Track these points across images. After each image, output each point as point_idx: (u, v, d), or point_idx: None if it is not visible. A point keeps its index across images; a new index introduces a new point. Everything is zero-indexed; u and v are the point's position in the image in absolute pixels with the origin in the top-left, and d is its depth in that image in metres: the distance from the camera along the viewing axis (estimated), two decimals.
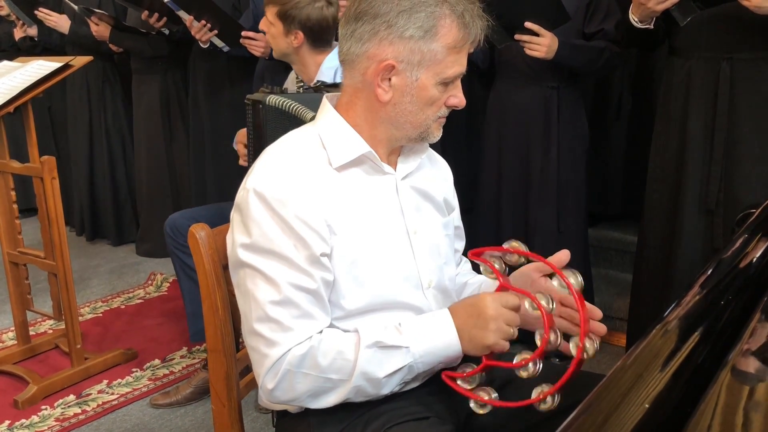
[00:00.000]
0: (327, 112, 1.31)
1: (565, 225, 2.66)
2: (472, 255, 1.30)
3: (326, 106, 1.31)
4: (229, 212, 1.29)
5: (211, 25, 3.05)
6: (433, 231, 1.37)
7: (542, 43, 2.38)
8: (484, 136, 2.81)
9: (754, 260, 1.16)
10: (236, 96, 3.26)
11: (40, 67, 2.63)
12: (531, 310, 1.18)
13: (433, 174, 1.43)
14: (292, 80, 2.47)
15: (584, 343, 1.12)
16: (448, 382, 1.24)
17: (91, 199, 4.37)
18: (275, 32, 2.32)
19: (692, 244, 2.17)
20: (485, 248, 1.28)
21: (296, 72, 2.44)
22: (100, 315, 3.37)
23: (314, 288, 1.19)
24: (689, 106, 2.15)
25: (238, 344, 1.39)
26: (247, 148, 2.15)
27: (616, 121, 3.38)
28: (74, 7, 3.74)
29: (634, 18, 2.11)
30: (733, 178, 2.10)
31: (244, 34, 2.92)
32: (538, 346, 1.16)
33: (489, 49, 2.67)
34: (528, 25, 2.36)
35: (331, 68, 2.32)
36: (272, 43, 2.39)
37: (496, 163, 2.74)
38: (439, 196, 1.41)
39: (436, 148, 1.50)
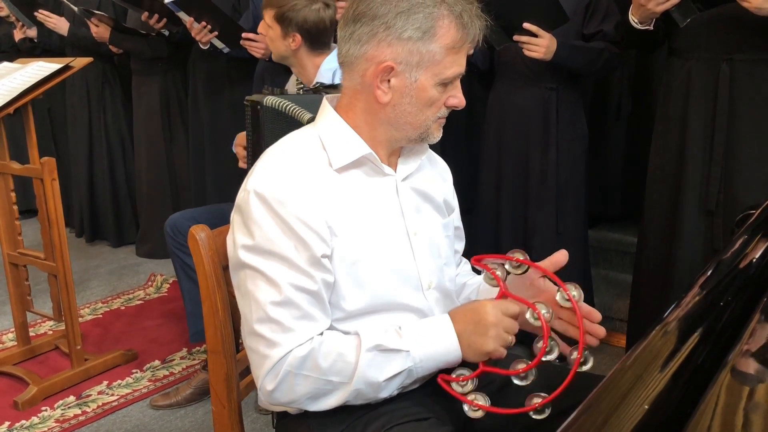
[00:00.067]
0: (327, 113, 1.30)
1: (565, 226, 2.66)
2: (474, 261, 1.31)
3: (326, 108, 1.31)
4: (229, 213, 1.29)
5: (211, 27, 3.05)
6: (433, 232, 1.37)
7: (540, 44, 2.38)
8: (483, 137, 2.81)
9: (753, 261, 1.16)
10: (236, 97, 3.27)
11: (40, 68, 2.63)
12: (532, 320, 1.19)
13: (433, 175, 1.43)
14: (293, 83, 2.48)
15: (582, 356, 1.14)
16: (443, 385, 1.25)
17: (91, 201, 4.37)
18: (273, 35, 2.32)
19: (692, 244, 2.17)
20: (488, 255, 1.29)
21: (295, 74, 2.45)
22: (100, 316, 3.37)
23: (315, 289, 1.19)
24: (689, 107, 2.15)
25: (238, 345, 1.39)
26: (246, 150, 2.15)
27: (616, 122, 3.38)
28: (74, 8, 3.74)
29: (633, 19, 2.11)
30: (733, 179, 2.10)
31: (244, 35, 2.92)
32: (536, 355, 1.16)
33: (488, 50, 2.67)
34: (526, 26, 2.36)
35: (330, 70, 2.32)
36: (271, 46, 2.39)
37: (495, 164, 2.74)
38: (439, 197, 1.41)
39: (435, 149, 1.50)
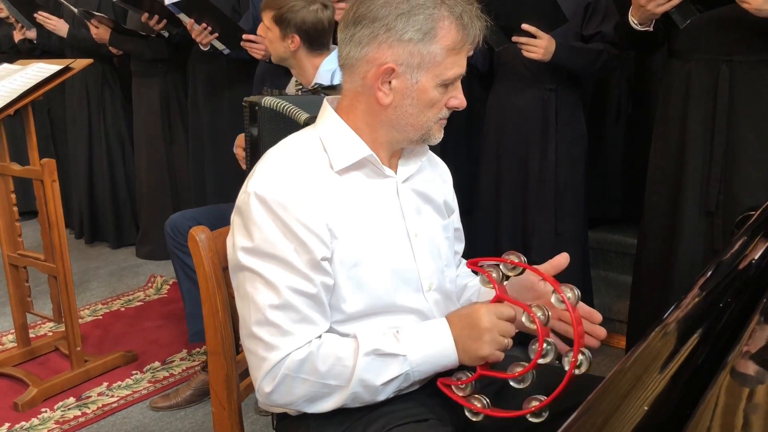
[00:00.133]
0: (328, 115, 1.30)
1: (564, 227, 2.66)
2: (470, 264, 1.30)
3: (327, 110, 1.31)
4: (229, 213, 1.29)
5: (211, 28, 3.06)
6: (434, 233, 1.37)
7: (539, 45, 2.38)
8: (482, 138, 2.81)
9: (753, 262, 1.16)
10: (236, 98, 3.27)
11: (40, 69, 2.63)
12: (527, 323, 1.19)
13: (433, 176, 1.43)
14: (293, 85, 2.48)
15: (577, 359, 1.13)
16: (443, 389, 1.25)
17: (91, 202, 4.37)
18: (272, 37, 2.33)
19: (692, 245, 2.17)
20: (483, 258, 1.28)
21: (295, 75, 2.45)
22: (100, 317, 3.37)
23: (314, 292, 1.19)
24: (689, 108, 2.15)
25: (238, 347, 1.39)
26: (245, 150, 2.15)
27: (616, 124, 3.38)
28: (74, 9, 3.74)
29: (633, 20, 2.11)
30: (733, 180, 2.10)
31: (244, 37, 2.92)
32: (532, 358, 1.16)
33: (488, 52, 2.68)
34: (525, 26, 2.36)
35: (329, 71, 2.33)
36: (270, 48, 2.40)
37: (494, 165, 2.74)
38: (439, 198, 1.41)
39: (436, 150, 1.50)
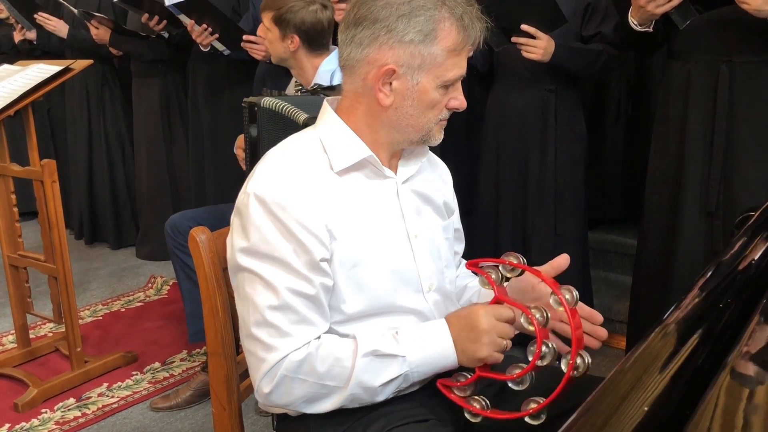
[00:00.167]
0: (328, 116, 1.30)
1: (564, 227, 2.66)
2: (469, 265, 1.30)
3: (327, 111, 1.31)
4: (229, 214, 1.29)
5: (212, 29, 3.06)
6: (434, 234, 1.37)
7: (538, 46, 2.38)
8: (482, 139, 2.81)
9: (753, 262, 1.16)
10: (236, 99, 3.26)
11: (41, 70, 2.63)
12: (526, 325, 1.18)
13: (433, 177, 1.43)
14: (293, 85, 2.48)
15: (575, 361, 1.13)
16: (443, 390, 1.25)
17: (90, 203, 4.36)
18: (272, 37, 2.34)
19: (692, 245, 2.17)
20: (482, 259, 1.28)
21: (294, 76, 2.46)
22: (100, 318, 3.37)
23: (313, 294, 1.19)
24: (688, 108, 2.15)
25: (238, 347, 1.39)
26: (244, 151, 2.15)
27: (615, 124, 3.38)
28: (74, 10, 3.74)
29: (633, 21, 2.11)
30: (733, 181, 2.10)
31: (245, 38, 2.92)
32: (530, 360, 1.16)
33: (488, 52, 2.68)
34: (524, 27, 2.36)
35: (328, 71, 2.33)
36: (270, 49, 2.40)
37: (494, 166, 2.74)
38: (439, 199, 1.41)
39: (436, 150, 1.50)
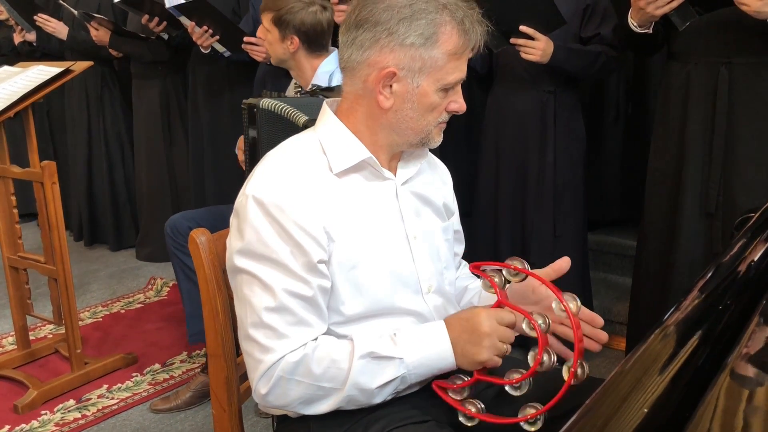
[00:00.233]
0: (327, 118, 1.31)
1: (563, 229, 2.66)
2: (472, 268, 1.30)
3: (327, 112, 1.32)
4: (229, 214, 1.29)
5: (212, 31, 3.06)
6: (433, 236, 1.37)
7: (537, 47, 2.38)
8: (481, 140, 2.81)
9: (753, 264, 1.16)
10: (236, 100, 3.27)
11: (41, 72, 2.63)
12: (528, 330, 1.18)
13: (433, 179, 1.43)
14: (293, 87, 2.49)
15: (576, 370, 1.12)
16: (439, 392, 1.25)
17: (90, 204, 4.36)
18: (272, 39, 2.34)
19: (691, 247, 2.17)
20: (485, 262, 1.28)
21: (294, 77, 2.46)
22: (100, 319, 3.37)
23: (310, 295, 1.20)
24: (688, 110, 2.16)
25: (239, 349, 1.39)
26: (244, 152, 2.15)
27: (614, 126, 3.38)
28: (73, 11, 3.74)
29: (633, 23, 2.11)
30: (732, 182, 2.10)
31: (246, 39, 2.92)
32: (531, 365, 1.16)
33: (488, 54, 2.68)
34: (523, 28, 2.36)
35: (327, 72, 2.33)
36: (270, 50, 2.40)
37: (493, 167, 2.74)
38: (438, 200, 1.41)
39: (435, 152, 1.50)
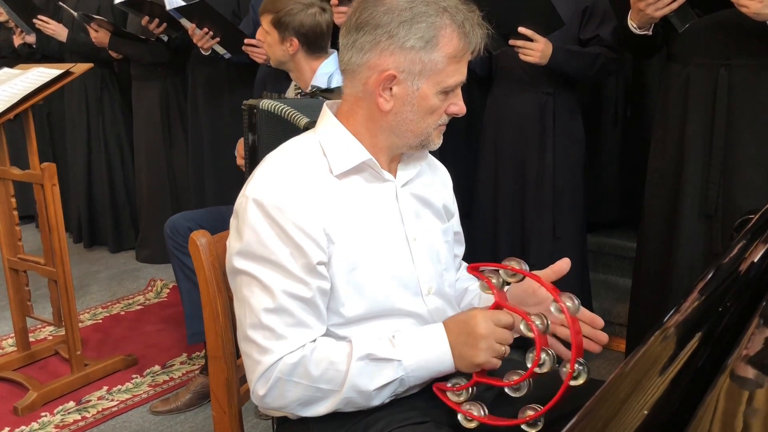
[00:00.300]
0: (327, 119, 1.31)
1: (562, 230, 2.66)
2: (470, 269, 1.30)
3: (327, 114, 1.32)
4: (228, 215, 1.30)
5: (213, 33, 3.06)
6: (433, 237, 1.37)
7: (536, 48, 2.38)
8: (480, 142, 2.82)
9: (752, 265, 1.16)
10: (235, 101, 3.27)
11: (41, 74, 2.63)
12: (525, 331, 1.17)
13: (433, 180, 1.43)
14: (293, 89, 2.49)
15: (575, 370, 1.12)
16: (439, 394, 1.25)
17: (89, 206, 4.36)
18: (271, 41, 2.34)
19: (691, 249, 2.18)
20: (483, 263, 1.28)
21: (293, 79, 2.46)
22: (100, 321, 3.37)
23: (309, 297, 1.20)
24: (688, 111, 2.16)
25: (239, 351, 1.39)
26: (244, 153, 2.15)
27: (613, 128, 3.38)
28: (73, 13, 3.74)
29: (632, 24, 2.11)
30: (732, 184, 2.10)
31: (246, 41, 2.92)
32: (529, 366, 1.15)
33: (488, 57, 2.68)
34: (521, 30, 2.36)
35: (326, 74, 2.34)
36: (269, 52, 2.41)
37: (492, 169, 2.74)
38: (438, 202, 1.41)
39: (435, 154, 1.51)
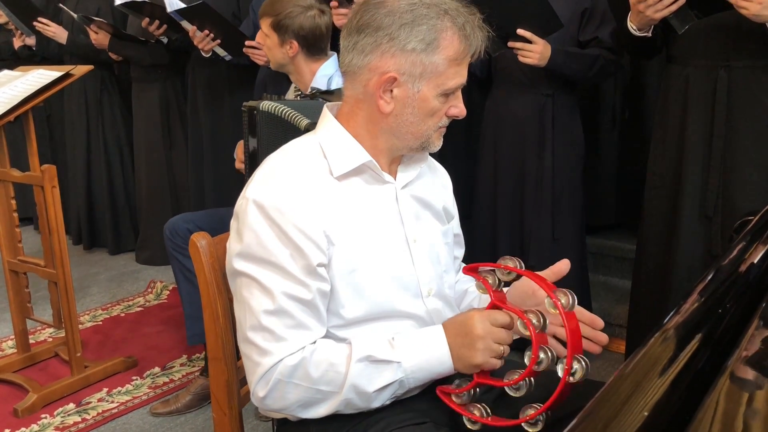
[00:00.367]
0: (328, 121, 1.31)
1: (562, 232, 2.66)
2: (466, 270, 1.30)
3: (327, 116, 1.32)
4: (228, 217, 1.30)
5: (213, 35, 3.06)
6: (433, 239, 1.37)
7: (534, 50, 2.38)
8: (480, 144, 2.82)
9: (752, 267, 1.16)
10: (235, 103, 3.27)
11: (41, 76, 2.63)
12: (522, 330, 1.17)
13: (433, 182, 1.44)
14: (293, 91, 2.49)
15: (571, 366, 1.11)
16: (442, 396, 1.25)
17: (89, 208, 4.36)
18: (271, 43, 2.35)
19: (691, 250, 2.18)
20: (479, 264, 1.28)
21: (293, 81, 2.46)
22: (100, 323, 3.37)
23: (309, 298, 1.20)
24: (687, 113, 2.16)
25: (239, 352, 1.39)
26: (244, 155, 2.15)
27: (611, 130, 3.38)
28: (73, 15, 3.74)
29: (632, 26, 2.12)
30: (731, 185, 2.11)
31: (247, 43, 2.93)
32: (527, 365, 1.15)
33: (487, 59, 2.68)
34: (520, 31, 2.36)
35: (326, 76, 2.34)
36: (269, 55, 2.41)
37: (491, 170, 2.74)
38: (438, 204, 1.41)
39: (435, 155, 1.51)
